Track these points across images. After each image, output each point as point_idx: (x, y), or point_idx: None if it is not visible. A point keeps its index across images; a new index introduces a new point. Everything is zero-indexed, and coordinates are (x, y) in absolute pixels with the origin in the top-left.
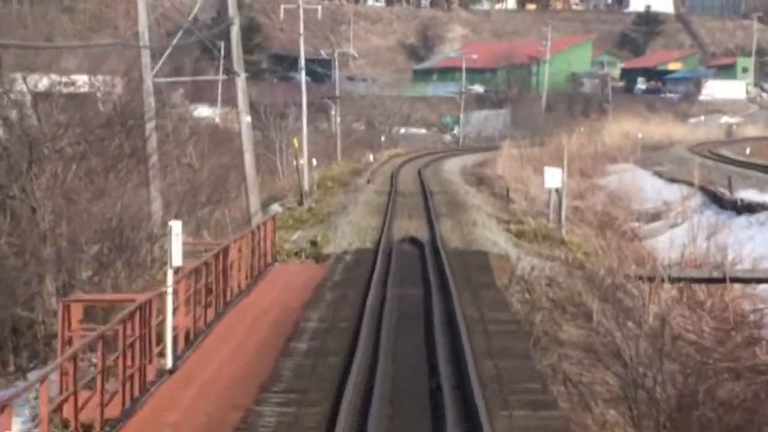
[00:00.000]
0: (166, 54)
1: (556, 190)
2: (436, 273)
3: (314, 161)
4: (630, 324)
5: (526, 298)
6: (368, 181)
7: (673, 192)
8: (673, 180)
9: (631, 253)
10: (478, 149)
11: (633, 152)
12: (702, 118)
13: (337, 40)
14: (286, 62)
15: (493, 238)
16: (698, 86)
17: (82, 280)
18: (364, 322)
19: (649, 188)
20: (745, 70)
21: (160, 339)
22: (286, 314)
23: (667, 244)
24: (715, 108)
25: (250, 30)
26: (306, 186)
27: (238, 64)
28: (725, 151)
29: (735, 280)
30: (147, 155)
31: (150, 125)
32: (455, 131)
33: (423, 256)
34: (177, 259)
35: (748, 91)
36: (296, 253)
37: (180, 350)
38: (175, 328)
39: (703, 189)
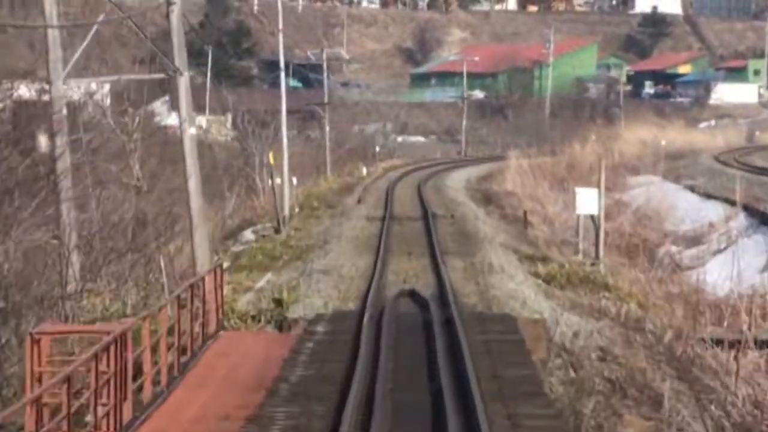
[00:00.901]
0: (82, 47)
1: (592, 218)
2: (449, 362)
3: (294, 180)
4: (714, 409)
5: (570, 378)
6: (359, 201)
7: (711, 210)
8: (708, 196)
9: (704, 304)
10: (482, 160)
11: (656, 162)
12: (713, 122)
13: (330, 44)
14: (278, 68)
15: (518, 288)
16: (708, 90)
17: None
18: None
19: (682, 205)
20: (756, 72)
21: None
22: None
23: (714, 275)
24: (725, 112)
25: (239, 34)
26: (286, 209)
27: (180, 59)
28: (758, 161)
29: None
30: (57, 180)
31: (60, 139)
32: None
33: (429, 326)
34: None
35: (760, 95)
36: (253, 317)
37: None
38: None
39: (748, 208)
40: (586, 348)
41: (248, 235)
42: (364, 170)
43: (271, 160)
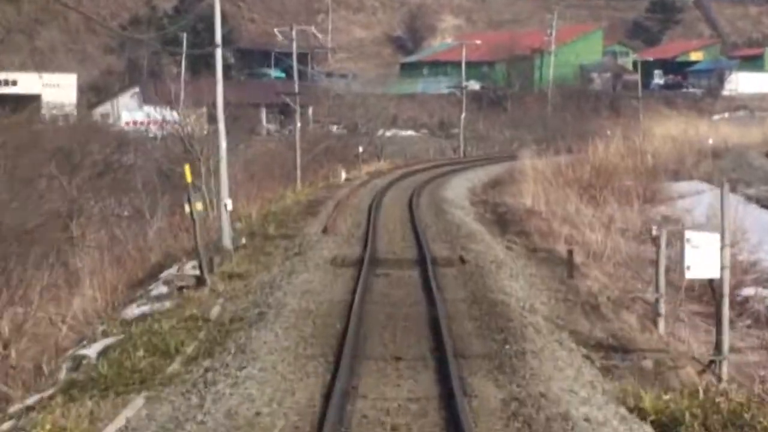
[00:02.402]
0: None
1: (710, 283)
2: None
3: (229, 204)
4: None
5: None
6: (325, 230)
7: None
8: None
9: None
10: (484, 160)
11: (697, 163)
12: (726, 114)
13: (313, 31)
14: (257, 57)
15: None
16: (721, 79)
17: None
18: None
19: (751, 225)
20: None
21: None
22: None
23: None
24: (742, 104)
25: (213, 19)
26: (226, 239)
27: None
28: None
29: None
30: None
31: None
32: None
33: None
34: None
35: None
36: None
37: None
38: None
39: None
40: None
41: (161, 287)
42: (343, 175)
43: (187, 176)
